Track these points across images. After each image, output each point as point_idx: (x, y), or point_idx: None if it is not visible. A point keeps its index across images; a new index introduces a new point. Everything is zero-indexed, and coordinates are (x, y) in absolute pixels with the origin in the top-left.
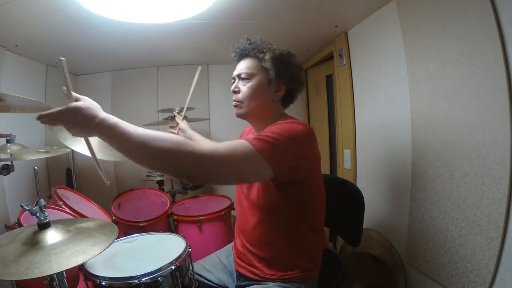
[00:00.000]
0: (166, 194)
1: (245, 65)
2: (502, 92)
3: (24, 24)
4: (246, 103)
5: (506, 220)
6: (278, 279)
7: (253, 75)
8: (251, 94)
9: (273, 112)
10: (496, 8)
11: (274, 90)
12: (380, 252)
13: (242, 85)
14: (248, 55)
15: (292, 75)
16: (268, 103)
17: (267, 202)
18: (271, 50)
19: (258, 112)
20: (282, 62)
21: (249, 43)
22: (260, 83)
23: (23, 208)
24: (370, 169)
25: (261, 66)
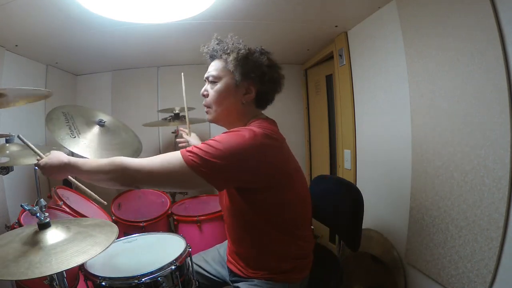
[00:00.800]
0: (166, 194)
1: (212, 67)
2: (502, 92)
3: (24, 24)
4: (214, 108)
5: (506, 220)
6: (261, 277)
7: (219, 78)
8: (218, 98)
9: (243, 116)
10: (496, 8)
11: (243, 92)
12: (380, 252)
13: (210, 89)
14: (216, 56)
15: (262, 75)
16: (236, 107)
17: (233, 206)
18: (236, 50)
19: (226, 117)
20: (249, 62)
21: (217, 43)
22: (226, 86)
23: (23, 208)
24: (370, 169)
25: (227, 68)
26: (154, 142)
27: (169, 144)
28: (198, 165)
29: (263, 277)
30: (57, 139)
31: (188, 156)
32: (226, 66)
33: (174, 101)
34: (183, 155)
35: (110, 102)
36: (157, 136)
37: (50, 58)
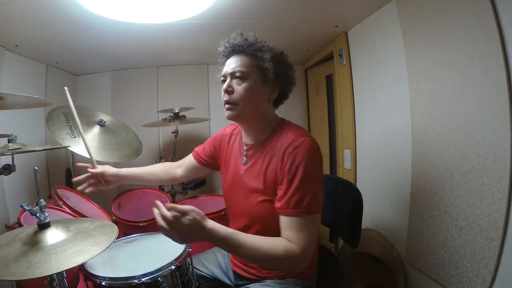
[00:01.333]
0: (166, 194)
1: (239, 62)
2: (502, 92)
3: (24, 24)
4: (242, 105)
5: (506, 220)
6: (276, 275)
7: (249, 75)
8: (248, 95)
9: (266, 115)
10: (496, 8)
11: (269, 91)
12: (380, 252)
13: (237, 85)
14: (242, 51)
15: (287, 76)
16: (262, 105)
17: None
18: (270, 49)
19: (252, 115)
20: (280, 62)
21: (244, 39)
22: (256, 84)
23: (23, 208)
24: (370, 169)
25: (258, 65)
26: (154, 142)
27: (169, 144)
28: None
29: (277, 276)
30: (57, 139)
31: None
32: (256, 63)
33: (174, 101)
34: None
35: (110, 102)
36: (157, 136)
37: (50, 58)
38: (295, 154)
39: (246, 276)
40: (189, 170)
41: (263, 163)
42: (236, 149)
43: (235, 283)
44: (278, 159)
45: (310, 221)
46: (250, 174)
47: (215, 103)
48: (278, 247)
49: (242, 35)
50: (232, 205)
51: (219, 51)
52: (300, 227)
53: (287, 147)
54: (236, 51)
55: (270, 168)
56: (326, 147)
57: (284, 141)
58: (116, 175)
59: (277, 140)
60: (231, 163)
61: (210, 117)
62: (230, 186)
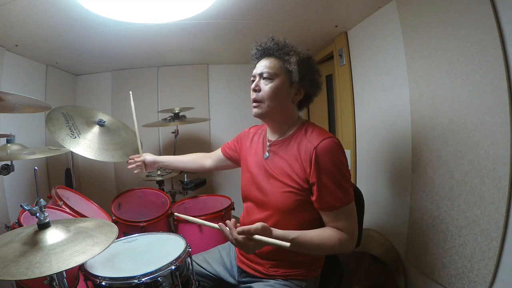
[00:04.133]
0: (166, 194)
1: (268, 64)
2: (502, 92)
3: (24, 24)
4: (267, 103)
5: (506, 220)
6: (281, 275)
7: (276, 76)
8: (273, 94)
9: (291, 115)
10: (496, 8)
11: (294, 93)
12: (380, 252)
13: (264, 85)
14: (272, 54)
15: (312, 80)
16: (287, 105)
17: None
18: (297, 53)
19: (277, 113)
20: (306, 66)
21: (274, 43)
22: (282, 85)
23: (23, 208)
24: (370, 169)
25: (285, 67)
26: (154, 142)
27: (169, 144)
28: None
29: (282, 275)
30: (57, 139)
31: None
32: (283, 65)
33: (174, 101)
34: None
35: (110, 102)
36: (157, 137)
37: (50, 58)
38: (323, 156)
39: (251, 272)
40: (217, 161)
41: (288, 157)
42: (259, 145)
43: (239, 280)
44: (306, 157)
45: (349, 210)
46: (273, 167)
47: (215, 103)
48: (333, 238)
49: (273, 40)
50: (252, 197)
51: (251, 54)
52: (343, 217)
53: (315, 147)
54: (266, 54)
55: (297, 163)
56: None
57: (311, 138)
58: (153, 161)
59: (302, 138)
60: (251, 158)
61: (210, 117)
62: (251, 179)
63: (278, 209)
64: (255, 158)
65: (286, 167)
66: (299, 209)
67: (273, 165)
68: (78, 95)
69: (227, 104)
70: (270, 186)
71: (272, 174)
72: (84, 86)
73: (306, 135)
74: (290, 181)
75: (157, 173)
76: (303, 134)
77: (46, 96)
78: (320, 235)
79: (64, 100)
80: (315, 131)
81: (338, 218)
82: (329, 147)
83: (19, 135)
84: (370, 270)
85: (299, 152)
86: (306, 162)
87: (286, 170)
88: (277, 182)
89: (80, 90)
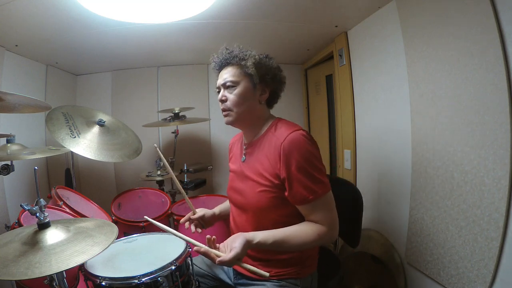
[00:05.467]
0: (166, 194)
1: (228, 74)
2: (502, 92)
3: (24, 24)
4: (235, 110)
5: (506, 220)
6: (274, 275)
7: (237, 83)
8: (239, 100)
9: (262, 115)
10: (496, 8)
11: (259, 93)
12: (380, 252)
13: (229, 93)
14: (229, 63)
15: (274, 77)
16: (255, 107)
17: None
18: (252, 56)
19: (247, 117)
20: (263, 66)
21: (229, 52)
22: (245, 89)
23: (23, 208)
24: (370, 169)
25: (244, 72)
26: (154, 142)
27: (169, 144)
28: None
29: (276, 275)
30: (57, 139)
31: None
32: (242, 71)
33: (174, 101)
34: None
35: (110, 102)
36: (157, 137)
37: (50, 58)
38: (290, 150)
39: (246, 274)
40: None
41: (260, 157)
42: (238, 151)
43: (234, 282)
44: (276, 153)
45: (325, 200)
46: (248, 169)
47: (215, 103)
48: (312, 233)
49: (227, 49)
50: (233, 201)
51: (212, 67)
52: (320, 208)
53: (282, 142)
54: (224, 64)
55: (267, 160)
56: (326, 147)
57: (278, 134)
58: (213, 215)
59: (272, 135)
60: (234, 164)
61: (210, 117)
62: (231, 186)
63: (257, 209)
64: (235, 164)
65: (259, 167)
66: (277, 206)
67: (249, 167)
68: (78, 95)
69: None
70: (246, 188)
71: (247, 176)
72: (84, 86)
73: (275, 132)
74: (263, 179)
75: (157, 173)
76: (273, 131)
77: (46, 96)
78: (299, 232)
79: (64, 100)
80: (283, 126)
81: (314, 210)
82: (295, 140)
83: (19, 135)
84: (370, 270)
85: (269, 150)
86: (275, 158)
87: (259, 169)
88: (252, 182)
89: (80, 90)
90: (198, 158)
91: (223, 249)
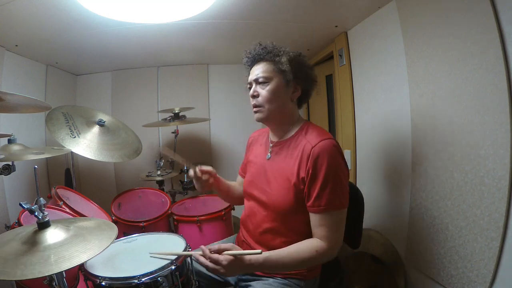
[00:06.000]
0: (166, 194)
1: (261, 69)
2: (502, 92)
3: (24, 24)
4: (267, 107)
5: (506, 220)
6: (280, 275)
7: (270, 78)
8: (271, 96)
9: (292, 114)
10: (496, 8)
11: (292, 91)
12: (380, 252)
13: (261, 89)
14: (262, 59)
15: (306, 75)
16: (287, 104)
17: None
18: (286, 53)
19: (278, 115)
20: (297, 63)
21: (263, 48)
22: (278, 85)
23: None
24: (370, 169)
25: (278, 69)
26: (154, 142)
27: (169, 144)
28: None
29: (281, 275)
30: (57, 139)
31: (343, 204)
32: (276, 67)
33: (174, 101)
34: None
35: (110, 102)
36: (157, 137)
37: (50, 58)
38: (319, 156)
39: None
40: (241, 185)
41: (288, 158)
42: (263, 147)
43: (238, 277)
44: (304, 157)
45: (335, 217)
46: (274, 168)
47: (215, 103)
48: (310, 250)
49: (261, 45)
50: (254, 197)
51: (243, 63)
52: (326, 223)
53: (313, 147)
54: (257, 60)
55: (295, 163)
56: None
57: (310, 138)
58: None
59: (302, 138)
60: (256, 160)
61: (210, 117)
62: (251, 181)
63: (278, 210)
64: (258, 159)
65: (286, 168)
66: (298, 210)
67: (274, 166)
68: (78, 95)
69: (227, 104)
70: (270, 187)
71: (272, 175)
72: (84, 86)
73: (306, 135)
74: (288, 182)
75: (157, 173)
76: (303, 135)
77: (46, 96)
78: (298, 251)
79: (64, 100)
80: (314, 131)
81: (322, 223)
82: (326, 147)
83: (19, 135)
84: (370, 270)
85: (298, 153)
86: (303, 162)
87: (285, 171)
88: (276, 183)
89: (80, 90)
90: (198, 158)
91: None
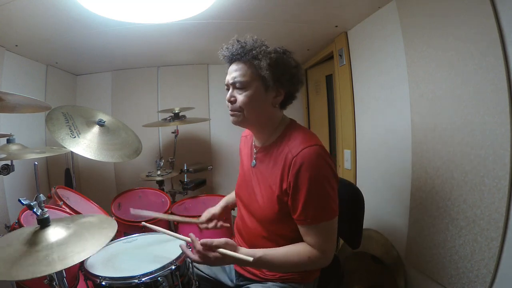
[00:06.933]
0: (166, 194)
1: (238, 72)
2: (502, 92)
3: (24, 24)
4: (245, 112)
5: (506, 220)
6: (278, 279)
7: (248, 84)
8: (249, 103)
9: (273, 118)
10: (496, 8)
11: (273, 95)
12: (380, 252)
13: (238, 94)
14: (240, 59)
15: (291, 77)
16: (267, 110)
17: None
18: (267, 55)
19: (257, 120)
20: (280, 66)
21: (241, 46)
22: (257, 91)
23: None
24: (370, 169)
25: (257, 73)
26: (154, 142)
27: (169, 144)
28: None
29: (280, 279)
30: (57, 139)
31: (331, 215)
32: (255, 71)
33: (174, 101)
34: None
35: (110, 102)
36: (157, 137)
37: (50, 58)
38: (301, 167)
39: (248, 276)
40: None
41: (270, 168)
42: (248, 150)
43: (236, 283)
44: (285, 168)
45: (323, 228)
46: (258, 177)
47: (215, 103)
48: (303, 255)
49: (239, 42)
50: (242, 198)
51: (221, 59)
52: (315, 233)
53: (294, 157)
54: (235, 59)
55: (277, 174)
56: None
57: (291, 147)
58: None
59: (285, 145)
60: (244, 163)
61: (210, 117)
62: (241, 184)
63: (265, 220)
64: (245, 163)
65: (269, 178)
66: (284, 219)
67: (259, 175)
68: (78, 95)
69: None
70: (256, 197)
71: (257, 184)
72: (84, 86)
73: (289, 142)
74: (272, 193)
75: (157, 173)
76: (287, 139)
77: (46, 96)
78: (291, 253)
79: (64, 100)
80: (298, 137)
81: (310, 233)
82: (307, 157)
83: (19, 135)
84: (370, 270)
85: (280, 162)
86: (285, 173)
87: (269, 181)
88: (260, 194)
89: (80, 90)
90: (198, 158)
91: None
